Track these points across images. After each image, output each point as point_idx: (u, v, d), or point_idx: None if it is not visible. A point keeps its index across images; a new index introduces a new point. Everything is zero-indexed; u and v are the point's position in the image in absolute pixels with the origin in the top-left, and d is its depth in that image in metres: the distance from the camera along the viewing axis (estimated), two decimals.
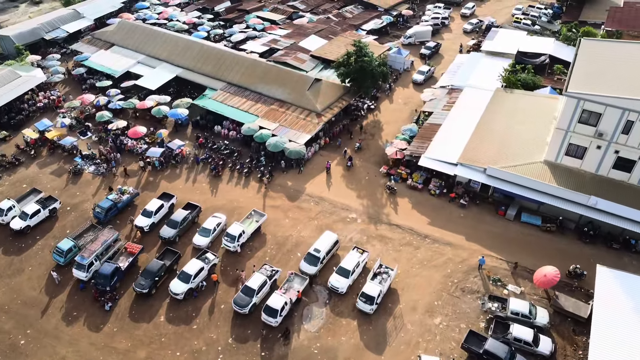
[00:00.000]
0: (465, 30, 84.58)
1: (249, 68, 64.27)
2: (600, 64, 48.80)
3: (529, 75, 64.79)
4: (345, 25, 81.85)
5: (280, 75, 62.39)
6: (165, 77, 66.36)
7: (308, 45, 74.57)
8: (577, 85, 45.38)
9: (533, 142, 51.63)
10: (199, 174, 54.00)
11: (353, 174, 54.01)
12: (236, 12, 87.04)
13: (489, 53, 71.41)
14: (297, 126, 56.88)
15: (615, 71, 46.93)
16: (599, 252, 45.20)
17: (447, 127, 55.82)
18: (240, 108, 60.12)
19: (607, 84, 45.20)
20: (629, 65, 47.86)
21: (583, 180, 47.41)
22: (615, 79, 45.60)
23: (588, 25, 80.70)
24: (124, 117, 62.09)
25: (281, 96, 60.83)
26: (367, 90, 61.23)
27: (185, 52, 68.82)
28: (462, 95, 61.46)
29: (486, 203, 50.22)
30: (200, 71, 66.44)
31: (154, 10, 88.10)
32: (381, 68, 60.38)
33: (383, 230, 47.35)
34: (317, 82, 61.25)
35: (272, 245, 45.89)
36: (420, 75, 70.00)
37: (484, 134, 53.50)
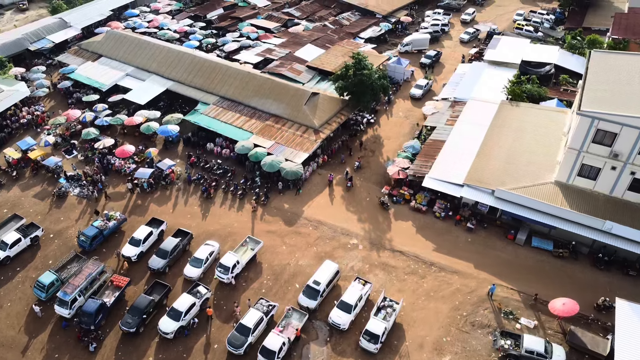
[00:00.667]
0: (462, 40, 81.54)
1: (243, 81, 61.40)
2: (613, 79, 46.24)
3: (534, 86, 62.34)
4: (342, 34, 79.10)
5: (276, 88, 59.55)
6: (155, 91, 63.41)
7: (304, 55, 71.84)
8: (591, 104, 42.81)
9: (543, 160, 49.11)
10: (191, 196, 51.10)
11: (353, 194, 51.27)
12: (229, 19, 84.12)
13: (492, 63, 68.78)
14: (294, 144, 54.06)
15: (630, 87, 44.40)
16: (614, 280, 42.72)
17: (452, 143, 53.17)
18: (234, 124, 57.26)
19: (623, 101, 42.68)
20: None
21: (597, 202, 44.89)
22: (632, 97, 43.09)
23: (593, 32, 78.59)
24: (111, 134, 59.13)
25: (277, 111, 58.01)
26: (367, 105, 58.51)
27: (176, 64, 65.88)
28: (466, 109, 58.84)
29: (494, 226, 47.61)
30: (192, 84, 63.52)
31: (144, 18, 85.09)
32: (381, 81, 57.63)
33: (386, 257, 44.62)
34: (314, 96, 58.47)
35: (269, 275, 43.08)
36: (418, 90, 67.06)
37: (491, 152, 50.89)
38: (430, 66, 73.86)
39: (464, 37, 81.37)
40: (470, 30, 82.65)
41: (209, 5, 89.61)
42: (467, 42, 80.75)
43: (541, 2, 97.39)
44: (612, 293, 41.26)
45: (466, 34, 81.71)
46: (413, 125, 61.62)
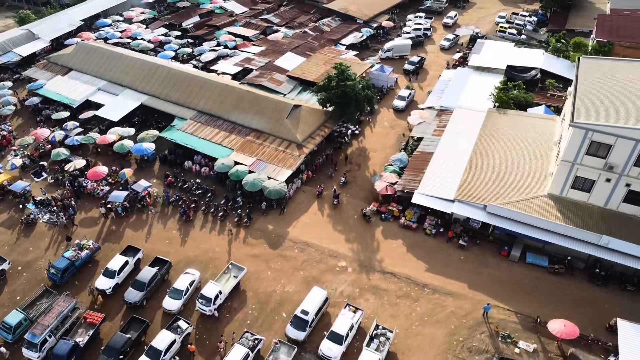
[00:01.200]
0: (442, 47, 79.24)
1: (221, 94, 58.80)
2: (605, 87, 44.85)
3: (520, 92, 60.94)
4: (323, 40, 76.89)
5: (256, 101, 57.09)
6: (128, 106, 60.45)
7: (284, 64, 69.48)
8: (584, 115, 41.28)
9: (534, 172, 47.56)
10: (169, 219, 48.41)
11: (340, 213, 49.09)
12: (205, 28, 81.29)
13: (477, 68, 67.21)
14: (276, 160, 51.70)
15: (624, 97, 43.04)
16: (612, 296, 41.32)
17: (440, 156, 51.35)
18: (213, 140, 54.66)
19: (617, 111, 41.27)
20: (637, 89, 43.96)
21: (591, 215, 43.42)
22: (625, 106, 41.70)
23: (576, 34, 77.69)
24: (83, 154, 56.10)
25: (257, 125, 55.57)
26: (351, 117, 56.38)
27: (151, 77, 62.97)
28: (453, 118, 57.12)
29: (487, 242, 45.90)
30: (168, 98, 60.72)
31: (117, 28, 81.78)
32: (365, 92, 55.55)
33: (377, 280, 42.55)
34: (297, 109, 56.15)
35: (254, 304, 40.67)
36: (400, 102, 64.52)
37: (481, 164, 49.18)
38: (414, 73, 72.07)
39: (445, 43, 79.29)
40: (450, 36, 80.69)
41: (184, 13, 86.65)
42: (448, 48, 78.71)
43: (522, 4, 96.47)
44: (610, 310, 39.97)
45: (446, 41, 79.67)
46: (399, 135, 59.70)
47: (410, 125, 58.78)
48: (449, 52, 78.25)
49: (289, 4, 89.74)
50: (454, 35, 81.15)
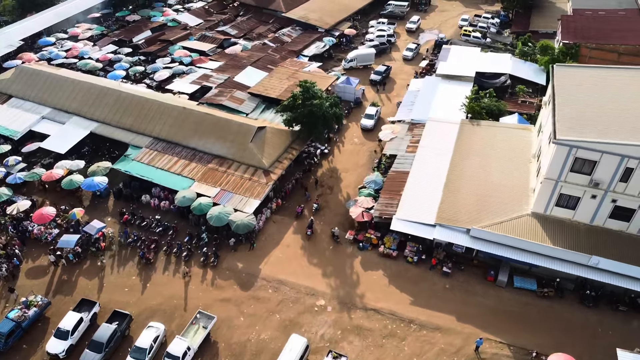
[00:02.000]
0: (406, 58, 75.81)
1: (179, 118, 54.47)
2: (584, 98, 43.03)
3: (492, 100, 58.97)
4: (284, 52, 73.28)
5: (217, 125, 53.06)
6: (76, 136, 55.38)
7: (245, 80, 65.64)
8: (567, 130, 39.23)
9: (515, 188, 45.46)
10: (127, 263, 43.98)
11: (314, 243, 45.72)
12: (158, 43, 76.36)
13: (446, 77, 64.97)
14: (243, 189, 47.90)
15: (605, 108, 41.29)
16: (605, 318, 39.56)
17: (416, 175, 48.66)
18: (172, 170, 50.37)
19: (600, 125, 39.43)
20: (616, 99, 42.39)
21: (578, 233, 41.56)
22: (608, 119, 39.90)
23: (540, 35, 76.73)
24: (28, 193, 50.85)
25: (220, 151, 51.58)
26: (320, 137, 53.04)
27: (100, 102, 57.97)
28: (426, 132, 54.61)
29: (472, 266, 43.46)
30: (120, 125, 55.93)
31: (61, 47, 75.84)
32: (333, 110, 52.34)
33: (359, 318, 39.39)
34: (261, 131, 52.43)
35: (227, 357, 36.84)
36: (368, 121, 60.68)
37: (459, 182, 46.74)
38: (380, 83, 69.33)
39: (407, 54, 75.80)
40: (411, 45, 77.59)
41: (134, 27, 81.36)
42: (411, 59, 75.66)
43: (483, 5, 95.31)
44: (604, 334, 38.17)
45: (408, 51, 76.23)
46: (370, 152, 56.77)
47: (382, 141, 55.87)
48: (413, 62, 74.96)
49: (246, 14, 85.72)
50: (415, 44, 78.14)
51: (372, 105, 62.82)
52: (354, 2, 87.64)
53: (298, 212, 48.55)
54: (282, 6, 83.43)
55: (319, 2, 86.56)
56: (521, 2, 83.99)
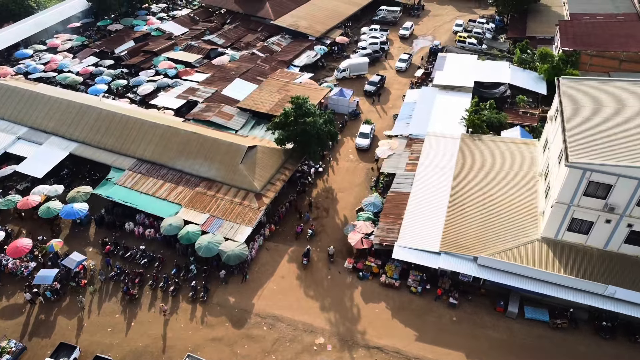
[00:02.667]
0: (399, 69, 72.08)
1: (164, 138, 51.28)
2: (595, 115, 40.56)
3: (492, 112, 56.54)
4: (274, 62, 70.26)
5: (204, 145, 49.95)
6: (55, 158, 51.98)
7: (233, 93, 62.62)
8: (580, 152, 36.72)
9: (523, 210, 42.96)
10: (109, 300, 40.79)
11: (311, 273, 42.83)
12: (142, 54, 72.94)
13: (443, 87, 62.36)
14: (233, 215, 44.88)
15: (617, 127, 38.83)
16: (622, 351, 37.28)
17: (417, 196, 45.97)
18: (157, 195, 47.19)
19: (615, 146, 37.01)
20: (629, 114, 40.01)
21: (591, 259, 39.17)
22: (623, 139, 37.47)
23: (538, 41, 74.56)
24: (2, 221, 47.52)
25: (208, 173, 48.51)
26: (314, 156, 50.12)
27: (80, 120, 54.58)
28: (425, 148, 51.99)
29: (479, 296, 40.87)
30: (101, 145, 52.63)
31: (39, 60, 72.13)
32: (328, 127, 49.47)
33: (362, 357, 36.62)
34: (252, 151, 49.41)
35: None
36: (363, 140, 56.83)
37: (463, 204, 44.15)
38: (375, 94, 66.58)
39: (401, 65, 72.12)
40: (404, 56, 73.62)
41: (116, 37, 77.81)
42: (405, 70, 72.11)
43: (477, 9, 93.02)
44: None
45: (402, 62, 72.47)
46: (367, 170, 54.00)
47: (379, 159, 53.09)
48: (407, 73, 71.61)
49: (233, 22, 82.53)
50: (407, 54, 74.79)
51: (366, 123, 59.14)
52: (344, 8, 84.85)
53: (297, 232, 46.20)
54: (270, 13, 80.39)
55: (308, 8, 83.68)
56: (516, 6, 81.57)
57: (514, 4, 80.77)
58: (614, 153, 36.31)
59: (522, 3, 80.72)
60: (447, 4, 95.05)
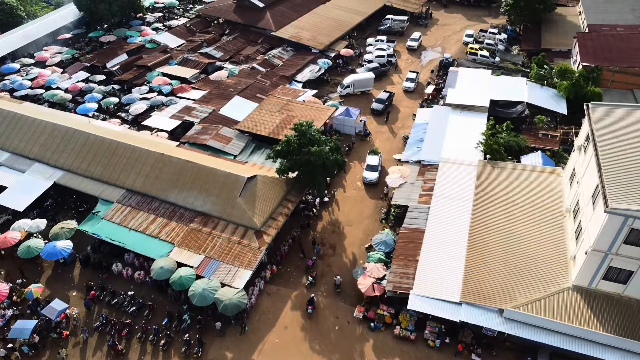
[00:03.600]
0: (407, 89, 66.69)
1: (156, 167, 47.23)
2: (633, 150, 36.37)
3: (510, 135, 52.43)
4: (275, 78, 66.13)
5: (200, 175, 45.87)
6: (38, 188, 47.95)
7: (232, 113, 58.61)
8: (621, 197, 32.60)
9: (551, 252, 38.96)
10: (94, 354, 36.72)
11: (317, 323, 38.75)
12: (135, 69, 68.80)
13: (456, 106, 58.20)
14: (231, 256, 40.83)
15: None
16: None
17: (433, 235, 41.92)
18: (148, 232, 43.14)
19: None
20: None
21: (629, 310, 35.26)
22: None
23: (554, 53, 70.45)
24: None
25: (203, 207, 44.47)
26: (320, 188, 46.02)
27: (66, 145, 50.59)
28: (440, 177, 47.93)
29: (504, 349, 36.83)
30: (88, 174, 48.61)
31: (26, 75, 68.04)
32: (334, 156, 45.36)
33: None
34: (251, 182, 45.32)
35: None
36: (371, 173, 51.74)
37: (484, 244, 40.10)
38: (383, 112, 62.48)
39: (409, 85, 66.82)
40: (411, 75, 68.21)
41: (108, 50, 73.68)
42: (413, 90, 66.71)
43: (488, 17, 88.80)
44: None
45: (409, 82, 67.11)
46: (376, 199, 49.93)
47: (391, 187, 48.95)
48: (415, 93, 66.43)
49: (232, 32, 78.33)
50: (414, 72, 69.09)
51: (373, 153, 54.04)
52: (349, 18, 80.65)
53: (308, 266, 42.71)
54: (271, 24, 76.23)
55: (311, 18, 79.51)
56: (530, 16, 77.29)
57: (528, 13, 76.49)
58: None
59: (536, 12, 76.41)
60: (455, 12, 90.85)
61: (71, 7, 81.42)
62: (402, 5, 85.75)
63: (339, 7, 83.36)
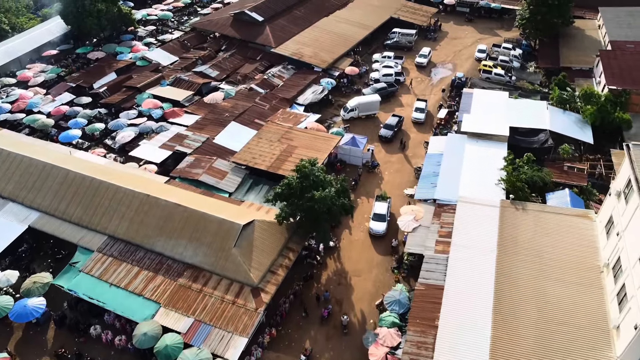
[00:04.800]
0: (417, 121, 60.15)
1: (141, 210, 42.31)
2: None
3: (533, 169, 47.54)
4: (274, 101, 61.24)
5: (190, 221, 40.95)
6: (10, 234, 43.12)
7: (227, 142, 53.91)
8: None
9: (588, 319, 34.05)
10: None
11: None
12: (123, 90, 63.82)
13: (473, 135, 53.24)
14: (224, 320, 35.94)
15: None
16: None
17: (454, 294, 36.98)
18: (130, 288, 38.25)
19: None
20: None
21: None
22: None
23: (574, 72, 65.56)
24: None
25: (194, 259, 39.57)
26: (324, 237, 41.09)
27: (43, 184, 45.72)
28: (458, 220, 42.99)
29: None
30: (67, 216, 43.72)
31: (6, 97, 63.10)
32: (341, 200, 40.41)
33: None
34: (248, 229, 40.37)
35: None
36: (379, 224, 45.52)
37: (513, 309, 35.23)
38: (392, 139, 57.63)
39: (419, 116, 60.21)
40: (420, 105, 61.41)
41: (96, 68, 68.68)
42: (424, 122, 60.40)
43: (500, 30, 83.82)
44: None
45: (419, 112, 60.51)
46: (387, 246, 44.92)
47: (404, 232, 44.02)
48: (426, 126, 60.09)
49: (229, 49, 73.33)
50: (423, 101, 62.26)
51: (381, 199, 47.59)
52: (353, 32, 75.70)
53: (324, 316, 38.81)
54: (270, 40, 71.30)
55: (313, 33, 74.59)
56: (546, 30, 72.27)
57: (545, 28, 71.50)
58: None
59: (554, 27, 71.42)
60: (465, 24, 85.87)
61: (58, 20, 76.45)
62: (410, 18, 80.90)
63: (342, 20, 78.47)
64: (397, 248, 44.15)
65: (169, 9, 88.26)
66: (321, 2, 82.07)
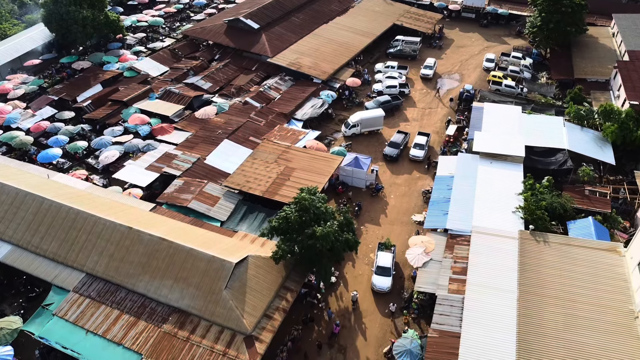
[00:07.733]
0: (415, 159, 53.05)
1: (121, 245, 38.10)
2: None
3: (553, 195, 43.62)
4: (271, 116, 57.09)
5: (176, 259, 36.77)
6: None
7: (219, 163, 49.93)
8: None
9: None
10: None
11: None
12: (109, 104, 59.56)
13: (486, 155, 49.23)
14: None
15: None
16: None
17: (472, 342, 33.01)
18: (109, 336, 34.11)
19: None
20: None
21: None
22: None
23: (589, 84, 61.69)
24: None
25: (180, 302, 35.41)
26: (326, 277, 36.98)
27: (16, 213, 41.46)
28: (473, 255, 39.09)
29: None
30: (41, 251, 39.52)
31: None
32: (345, 236, 36.28)
33: None
34: (241, 267, 36.24)
35: None
36: (384, 280, 39.73)
37: (538, 356, 31.19)
38: (397, 158, 53.53)
39: (418, 155, 53.09)
40: (420, 140, 54.09)
41: (81, 79, 64.36)
42: (423, 159, 53.21)
43: (507, 37, 79.85)
44: None
45: (418, 149, 53.38)
46: (396, 286, 40.70)
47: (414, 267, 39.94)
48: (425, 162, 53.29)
49: (223, 58, 69.11)
50: (425, 135, 54.88)
51: (384, 248, 41.94)
52: (354, 40, 71.58)
53: (335, 333, 36.56)
54: (267, 49, 67.15)
55: (312, 41, 70.44)
56: (558, 39, 68.27)
57: (557, 36, 67.52)
58: None
59: (567, 36, 67.47)
60: (472, 31, 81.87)
61: (42, 27, 72.09)
62: (413, 25, 76.89)
63: (342, 28, 74.35)
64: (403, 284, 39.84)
65: (160, 15, 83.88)
66: (320, 8, 77.98)
